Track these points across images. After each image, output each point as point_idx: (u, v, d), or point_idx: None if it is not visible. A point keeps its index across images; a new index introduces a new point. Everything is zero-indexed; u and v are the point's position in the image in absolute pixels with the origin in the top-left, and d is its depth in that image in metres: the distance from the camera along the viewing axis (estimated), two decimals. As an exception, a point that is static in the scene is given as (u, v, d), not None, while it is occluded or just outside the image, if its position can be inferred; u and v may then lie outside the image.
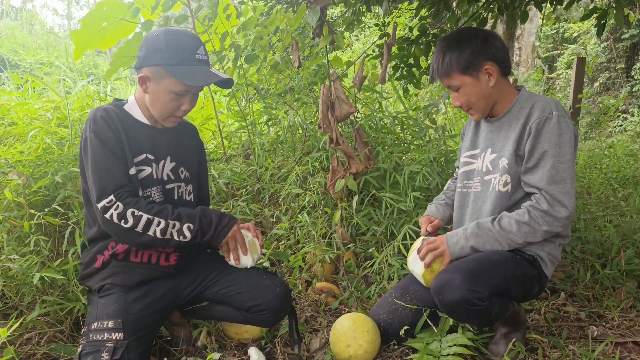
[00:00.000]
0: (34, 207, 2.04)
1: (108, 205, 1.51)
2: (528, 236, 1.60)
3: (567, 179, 1.57)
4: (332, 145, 2.57)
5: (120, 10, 2.86)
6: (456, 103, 1.75)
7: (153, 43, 1.58)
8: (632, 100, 9.26)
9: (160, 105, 1.63)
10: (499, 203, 1.71)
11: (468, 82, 1.68)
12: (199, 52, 1.61)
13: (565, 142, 1.57)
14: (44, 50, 10.81)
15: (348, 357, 1.74)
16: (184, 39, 1.59)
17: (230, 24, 3.32)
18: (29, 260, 1.81)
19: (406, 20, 6.27)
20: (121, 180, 1.55)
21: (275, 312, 1.76)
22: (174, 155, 1.75)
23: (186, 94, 1.62)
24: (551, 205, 1.56)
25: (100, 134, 1.55)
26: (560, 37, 12.21)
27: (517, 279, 1.62)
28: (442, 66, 1.69)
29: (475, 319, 1.59)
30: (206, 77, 1.59)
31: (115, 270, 1.65)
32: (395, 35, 2.63)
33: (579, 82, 5.20)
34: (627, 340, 1.87)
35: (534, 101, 1.66)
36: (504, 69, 1.70)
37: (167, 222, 1.57)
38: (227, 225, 1.69)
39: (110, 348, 1.49)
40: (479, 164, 1.81)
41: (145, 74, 1.60)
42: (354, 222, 2.58)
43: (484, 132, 1.82)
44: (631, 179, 4.17)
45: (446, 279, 1.56)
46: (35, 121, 2.70)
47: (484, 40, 1.66)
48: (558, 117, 1.58)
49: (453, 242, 1.70)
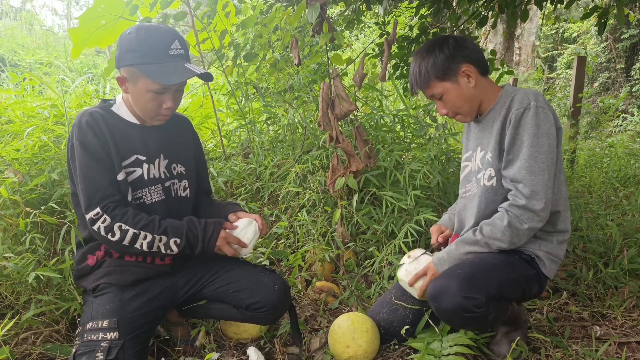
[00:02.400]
0: (30, 205, 2.02)
1: (95, 218, 1.50)
2: (513, 238, 1.57)
3: (545, 171, 1.53)
4: (332, 143, 2.54)
5: (119, 7, 2.84)
6: (442, 111, 1.75)
7: (126, 42, 1.53)
8: (632, 100, 9.25)
9: (142, 105, 1.61)
10: (486, 198, 1.68)
11: (449, 87, 1.68)
12: (173, 47, 1.55)
13: (542, 133, 1.54)
14: (43, 50, 10.77)
15: (348, 357, 1.71)
16: (155, 35, 1.53)
17: (229, 22, 3.30)
18: (24, 259, 1.79)
19: (406, 19, 6.26)
20: (107, 191, 1.53)
21: (274, 309, 1.74)
22: (166, 153, 1.72)
23: (165, 91, 1.58)
24: (529, 199, 1.52)
25: (85, 141, 1.53)
26: (560, 37, 12.21)
27: (514, 281, 1.59)
28: (420, 78, 1.70)
29: (472, 325, 1.56)
30: (181, 73, 1.53)
31: (110, 269, 1.63)
32: (396, 33, 2.61)
33: (579, 81, 5.17)
34: (630, 340, 1.86)
35: (514, 94, 1.65)
36: (482, 68, 1.70)
37: (154, 236, 1.56)
38: (213, 235, 1.66)
39: (105, 348, 1.47)
40: (473, 165, 1.80)
41: (123, 74, 1.57)
42: (354, 221, 2.56)
43: (474, 133, 1.82)
44: (632, 178, 4.15)
45: (442, 285, 1.53)
46: (32, 119, 2.67)
47: (455, 44, 1.67)
48: (536, 107, 1.55)
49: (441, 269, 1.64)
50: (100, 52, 11.20)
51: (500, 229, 1.56)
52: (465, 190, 1.85)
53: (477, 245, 1.61)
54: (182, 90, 1.66)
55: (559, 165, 1.65)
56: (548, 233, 1.67)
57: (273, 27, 3.13)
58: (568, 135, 5.16)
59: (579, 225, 2.68)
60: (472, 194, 1.78)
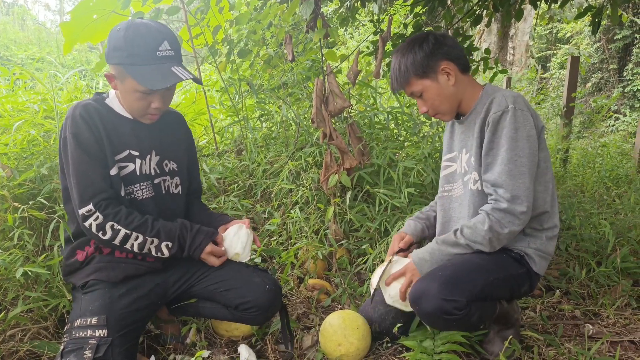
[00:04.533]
0: (18, 200, 1.98)
1: (87, 214, 1.48)
2: (493, 242, 1.56)
3: (525, 174, 1.52)
4: (326, 140, 2.53)
5: (111, 1, 2.80)
6: (423, 109, 1.74)
7: (114, 40, 1.50)
8: (624, 101, 9.30)
9: (130, 104, 1.59)
10: (473, 202, 1.67)
11: (428, 85, 1.67)
12: (162, 48, 1.50)
13: (522, 136, 1.53)
14: (36, 46, 10.67)
15: (339, 355, 1.70)
16: (144, 34, 1.49)
17: (223, 17, 3.27)
18: (12, 255, 1.76)
19: (401, 18, 6.25)
20: (100, 186, 1.51)
21: (264, 310, 1.71)
22: (158, 149, 1.70)
23: (153, 92, 1.54)
24: (510, 202, 1.51)
25: (78, 135, 1.50)
26: (554, 37, 12.26)
27: (501, 280, 1.58)
28: (400, 75, 1.70)
29: (455, 327, 1.55)
30: (166, 78, 1.48)
31: (99, 265, 1.60)
32: (390, 30, 2.60)
33: (572, 81, 5.18)
34: (622, 338, 1.85)
35: (493, 95, 1.63)
36: (462, 65, 1.69)
37: (145, 238, 1.55)
38: (200, 246, 1.66)
39: (94, 345, 1.44)
40: (458, 166, 1.79)
41: (111, 71, 1.55)
42: (347, 218, 2.55)
43: (458, 133, 1.80)
44: (624, 178, 4.17)
45: (422, 288, 1.52)
46: (21, 113, 2.64)
47: (435, 42, 1.66)
48: (514, 110, 1.53)
49: (424, 270, 1.61)
50: (93, 48, 11.12)
51: (481, 233, 1.55)
52: (443, 190, 1.84)
53: (459, 247, 1.60)
54: (172, 90, 1.64)
55: (547, 164, 1.64)
56: (537, 230, 1.66)
57: (267, 23, 3.11)
58: (561, 134, 5.18)
59: (572, 224, 2.68)
60: (457, 195, 1.76)
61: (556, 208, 1.70)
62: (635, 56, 9.15)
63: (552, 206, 1.67)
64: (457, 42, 1.72)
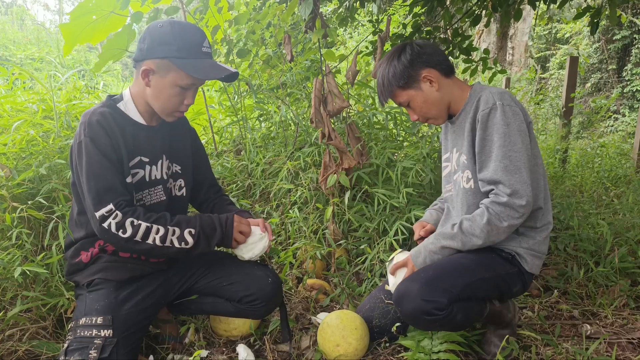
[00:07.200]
0: (17, 199, 1.98)
1: (106, 215, 1.47)
2: (491, 236, 1.56)
3: (521, 168, 1.52)
4: (325, 140, 2.53)
5: (110, 2, 2.80)
6: (413, 117, 1.77)
7: (159, 35, 1.52)
8: (623, 101, 9.31)
9: (164, 99, 1.58)
10: (466, 200, 1.69)
11: (413, 94, 1.69)
12: (205, 45, 1.57)
13: (513, 131, 1.53)
14: (35, 46, 10.66)
15: (338, 356, 1.70)
16: (190, 32, 1.55)
17: (222, 17, 3.27)
18: (10, 254, 1.75)
19: (400, 18, 6.26)
20: (119, 189, 1.50)
21: (267, 301, 1.74)
22: (168, 153, 1.72)
23: (191, 87, 1.58)
24: (510, 196, 1.51)
25: (96, 139, 1.49)
26: (553, 37, 12.26)
27: (487, 281, 1.58)
28: (384, 88, 1.72)
29: (438, 327, 1.55)
30: (215, 70, 1.55)
31: (105, 265, 1.60)
32: (389, 30, 2.60)
33: (572, 82, 5.19)
34: (620, 338, 1.86)
35: (480, 94, 1.64)
36: (444, 70, 1.70)
37: (167, 228, 1.53)
38: (228, 219, 1.66)
39: (99, 345, 1.45)
40: (451, 166, 1.81)
41: (149, 66, 1.53)
42: (346, 218, 2.55)
43: (450, 134, 1.82)
44: (623, 178, 4.17)
45: (404, 289, 1.53)
46: (20, 113, 2.63)
47: (412, 52, 1.67)
48: (502, 106, 1.54)
49: (419, 262, 1.64)
50: (92, 49, 11.12)
51: (479, 226, 1.55)
52: (446, 190, 1.87)
53: (454, 239, 1.59)
54: (197, 90, 1.67)
55: (538, 160, 1.65)
56: (530, 229, 1.66)
57: (266, 23, 3.11)
58: (560, 134, 5.18)
59: (571, 224, 2.69)
60: (455, 194, 1.78)
61: (549, 205, 1.70)
62: (634, 56, 9.16)
63: (545, 202, 1.67)
64: (437, 47, 1.73)
